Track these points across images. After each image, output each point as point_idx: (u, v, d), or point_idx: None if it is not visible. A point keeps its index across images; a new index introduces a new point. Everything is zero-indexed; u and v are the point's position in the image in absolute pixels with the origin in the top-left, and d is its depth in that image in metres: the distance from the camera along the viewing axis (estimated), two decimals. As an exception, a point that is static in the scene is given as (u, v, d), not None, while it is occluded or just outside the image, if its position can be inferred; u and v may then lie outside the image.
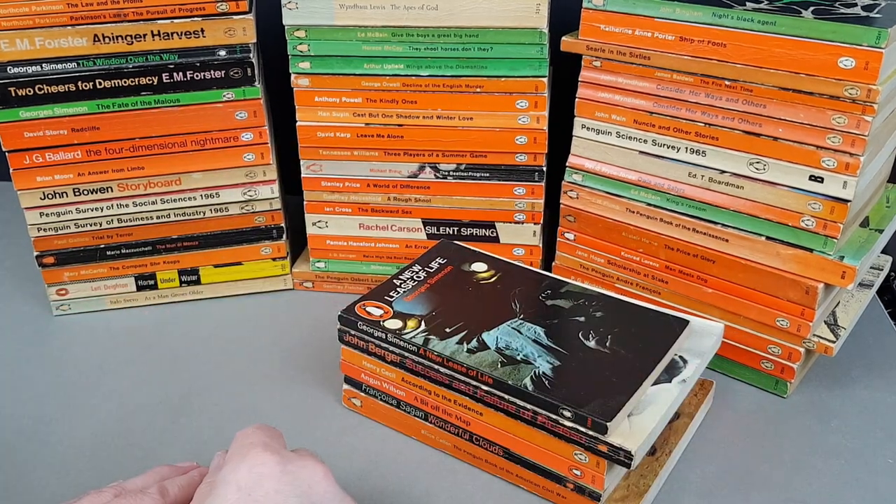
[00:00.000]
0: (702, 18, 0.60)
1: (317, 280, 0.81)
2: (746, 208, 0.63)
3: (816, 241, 0.60)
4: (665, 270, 0.68)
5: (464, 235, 0.76)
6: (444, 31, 0.68)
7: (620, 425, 0.52)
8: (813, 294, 0.61)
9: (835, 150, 0.58)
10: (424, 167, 0.74)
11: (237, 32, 0.69)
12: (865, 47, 0.54)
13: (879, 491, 0.57)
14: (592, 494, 0.53)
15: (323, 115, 0.73)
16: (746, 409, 0.65)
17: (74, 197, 0.73)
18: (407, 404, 0.61)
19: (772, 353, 0.65)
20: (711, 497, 0.56)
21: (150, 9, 0.68)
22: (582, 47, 0.66)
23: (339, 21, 0.69)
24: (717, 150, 0.63)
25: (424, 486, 0.57)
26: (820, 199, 0.59)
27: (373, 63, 0.71)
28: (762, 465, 0.59)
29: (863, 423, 0.63)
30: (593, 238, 0.71)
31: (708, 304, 0.67)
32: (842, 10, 0.59)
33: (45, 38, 0.67)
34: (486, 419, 0.56)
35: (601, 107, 0.67)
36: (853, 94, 0.56)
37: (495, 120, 0.71)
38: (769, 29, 0.58)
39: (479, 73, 0.70)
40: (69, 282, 0.77)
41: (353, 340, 0.61)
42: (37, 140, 0.70)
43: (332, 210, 0.77)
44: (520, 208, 0.74)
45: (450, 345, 0.57)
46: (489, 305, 0.62)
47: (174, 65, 0.70)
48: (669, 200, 0.66)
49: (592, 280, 0.72)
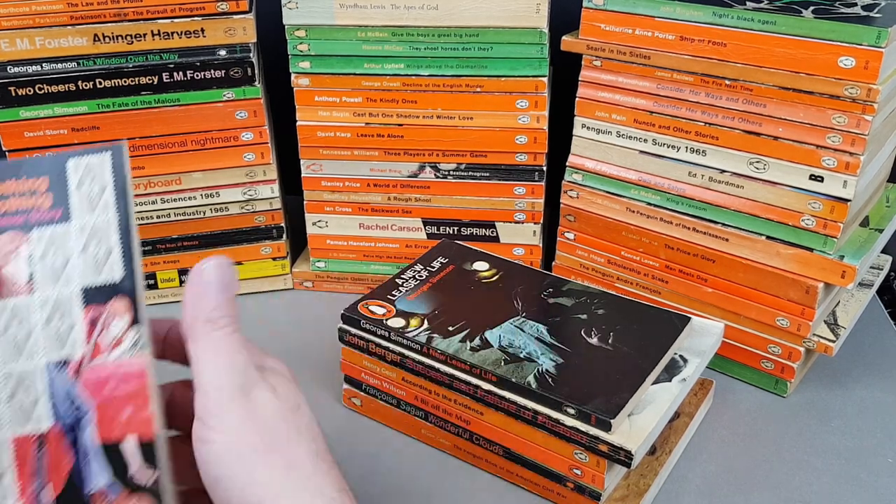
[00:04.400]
0: (702, 18, 0.60)
1: (317, 280, 0.81)
2: (746, 208, 0.63)
3: (816, 240, 0.60)
4: (665, 270, 0.68)
5: (464, 235, 0.76)
6: (444, 31, 0.68)
7: (621, 424, 0.52)
8: (813, 293, 0.61)
9: (835, 150, 0.58)
10: (424, 167, 0.74)
11: (237, 32, 0.69)
12: (865, 47, 0.54)
13: (879, 491, 0.57)
14: (592, 494, 0.53)
15: (323, 114, 0.73)
16: (746, 408, 0.65)
17: (74, 196, 0.73)
18: (407, 404, 0.61)
19: (772, 352, 0.65)
20: (711, 497, 0.56)
21: (150, 8, 0.68)
22: (582, 47, 0.66)
23: (340, 21, 0.69)
24: (718, 149, 0.63)
25: (424, 486, 0.57)
26: (820, 198, 0.59)
27: (373, 63, 0.71)
28: (762, 464, 0.59)
29: (863, 423, 0.63)
30: (593, 238, 0.71)
31: (708, 304, 0.67)
32: (842, 9, 0.59)
33: (45, 37, 0.67)
34: (486, 419, 0.56)
35: (601, 106, 0.67)
36: (853, 94, 0.56)
37: (495, 119, 0.71)
38: (769, 28, 0.58)
39: (480, 73, 0.70)
40: (69, 281, 0.77)
41: (354, 340, 0.61)
42: (37, 140, 0.70)
43: (332, 210, 0.77)
44: (520, 208, 0.74)
45: (453, 343, 0.57)
46: (491, 304, 0.62)
47: (174, 64, 0.70)
48: (669, 200, 0.66)
49: (592, 280, 0.72)
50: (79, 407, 0.43)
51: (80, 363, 0.43)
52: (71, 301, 0.44)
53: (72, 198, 0.45)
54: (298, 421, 0.46)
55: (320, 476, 0.44)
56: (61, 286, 0.44)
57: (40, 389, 0.43)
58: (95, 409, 0.43)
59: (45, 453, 0.42)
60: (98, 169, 0.45)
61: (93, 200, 0.45)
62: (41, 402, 0.43)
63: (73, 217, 0.45)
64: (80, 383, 0.43)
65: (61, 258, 0.44)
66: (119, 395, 0.42)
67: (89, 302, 0.44)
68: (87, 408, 0.43)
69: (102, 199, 0.45)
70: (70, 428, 0.43)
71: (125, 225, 0.45)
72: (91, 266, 0.44)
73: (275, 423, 0.44)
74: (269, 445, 0.43)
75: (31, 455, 0.42)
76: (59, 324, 0.44)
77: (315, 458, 0.45)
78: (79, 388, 0.43)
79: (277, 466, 0.43)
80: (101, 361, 0.43)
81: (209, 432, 0.42)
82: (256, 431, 0.43)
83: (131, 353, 0.43)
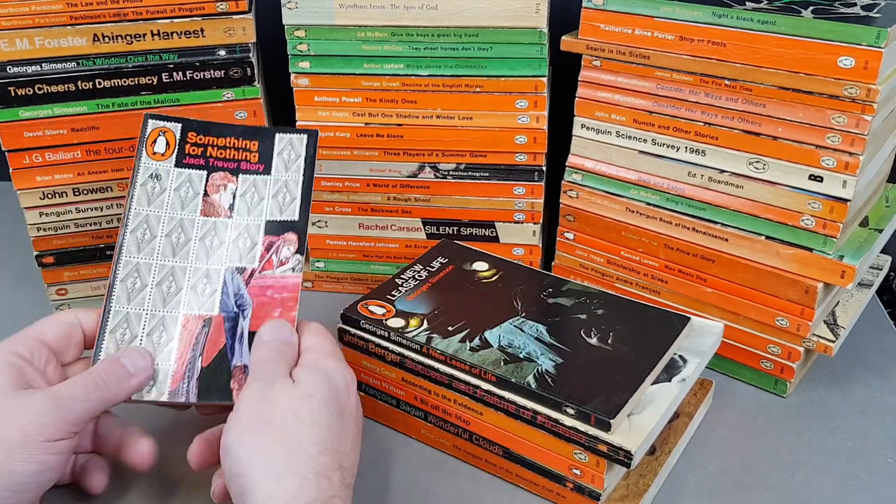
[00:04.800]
0: (702, 18, 0.60)
1: (316, 280, 0.81)
2: (746, 208, 0.63)
3: (816, 240, 0.60)
4: (665, 270, 0.68)
5: (463, 235, 0.76)
6: (443, 31, 0.68)
7: (621, 424, 0.52)
8: (812, 293, 0.61)
9: (834, 150, 0.58)
10: (424, 167, 0.74)
11: (237, 32, 0.69)
12: (865, 47, 0.54)
13: (879, 491, 0.57)
14: (592, 494, 0.53)
15: (323, 114, 0.73)
16: (746, 408, 0.65)
17: (74, 197, 0.73)
18: (406, 404, 0.61)
19: (771, 352, 0.65)
20: (711, 497, 0.56)
21: (149, 8, 0.67)
22: (582, 47, 0.66)
23: (339, 21, 0.69)
24: (717, 149, 0.63)
25: (424, 486, 0.57)
26: (819, 198, 0.59)
27: (372, 63, 0.71)
28: (762, 465, 0.59)
29: (863, 423, 0.63)
30: (593, 237, 0.71)
31: (707, 304, 0.67)
32: (841, 9, 0.59)
33: (45, 37, 0.67)
34: (485, 419, 0.56)
35: (601, 106, 0.67)
36: (853, 94, 0.56)
37: (495, 120, 0.71)
38: (769, 28, 0.58)
39: (479, 73, 0.70)
40: (69, 282, 0.77)
41: (353, 340, 0.61)
42: (36, 140, 0.70)
43: (331, 210, 0.77)
44: (519, 208, 0.74)
45: (452, 343, 0.57)
46: (491, 304, 0.62)
47: (174, 64, 0.70)
48: (669, 200, 0.66)
49: (592, 280, 0.72)
50: (242, 303, 0.58)
51: (252, 273, 0.59)
52: (257, 228, 0.60)
53: (274, 159, 0.62)
54: (304, 406, 0.49)
55: (305, 457, 0.46)
56: (253, 217, 0.60)
57: (218, 285, 0.58)
58: (253, 307, 0.57)
59: (207, 333, 0.57)
60: (297, 144, 0.62)
61: (288, 165, 0.61)
62: (216, 294, 0.58)
63: (272, 172, 0.61)
64: (248, 287, 0.58)
65: (257, 197, 0.60)
66: (275, 299, 0.58)
67: (269, 232, 0.60)
68: (247, 304, 0.58)
69: (295, 164, 0.61)
70: (231, 317, 0.57)
71: (307, 186, 0.61)
72: (277, 207, 0.60)
73: (276, 406, 0.49)
74: (266, 423, 0.48)
75: (196, 331, 0.57)
76: (245, 242, 0.60)
77: (307, 441, 0.47)
78: (246, 289, 0.58)
79: (264, 443, 0.47)
80: (268, 273, 0.58)
81: (235, 406, 0.49)
82: (257, 411, 0.48)
83: (291, 272, 0.59)
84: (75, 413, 0.50)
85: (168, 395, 0.55)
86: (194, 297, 0.58)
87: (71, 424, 0.49)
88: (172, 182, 0.60)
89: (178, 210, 0.60)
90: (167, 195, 0.60)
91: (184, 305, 0.57)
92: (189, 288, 0.58)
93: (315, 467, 0.46)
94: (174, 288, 0.58)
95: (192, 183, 0.60)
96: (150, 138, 0.60)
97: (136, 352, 0.54)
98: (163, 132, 0.61)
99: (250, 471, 0.46)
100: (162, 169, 0.60)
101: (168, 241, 0.59)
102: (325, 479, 0.46)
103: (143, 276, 0.58)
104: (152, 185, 0.60)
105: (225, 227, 0.60)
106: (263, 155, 0.61)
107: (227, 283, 0.58)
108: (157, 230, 0.59)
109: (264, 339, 0.54)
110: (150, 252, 0.58)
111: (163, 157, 0.60)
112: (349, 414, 0.51)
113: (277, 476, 0.45)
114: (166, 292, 0.58)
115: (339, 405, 0.50)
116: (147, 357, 0.55)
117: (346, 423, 0.50)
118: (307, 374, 0.51)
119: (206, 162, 0.61)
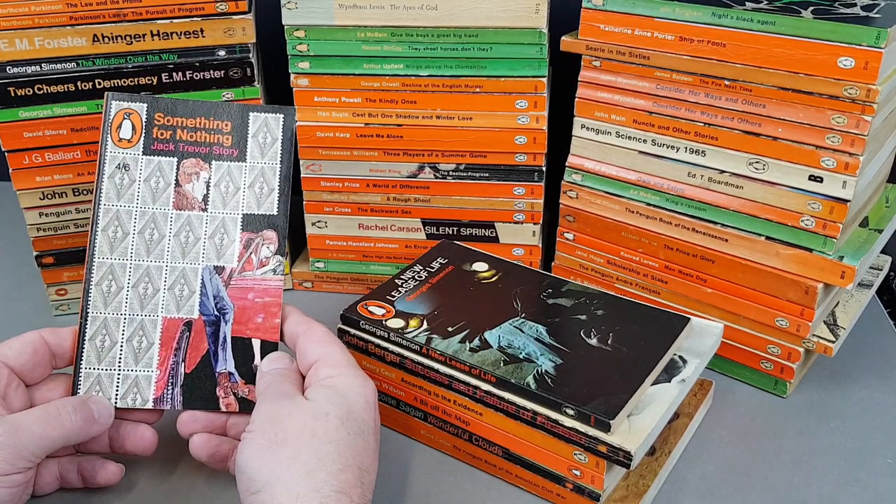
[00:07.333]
0: (701, 18, 0.60)
1: (316, 280, 0.81)
2: (746, 208, 0.63)
3: (816, 240, 0.60)
4: (664, 270, 0.68)
5: (463, 235, 0.76)
6: (443, 31, 0.68)
7: (621, 425, 0.52)
8: (812, 294, 0.61)
9: (834, 150, 0.58)
10: (424, 167, 0.74)
11: (237, 32, 0.69)
12: (865, 47, 0.54)
13: (879, 491, 0.57)
14: (592, 495, 0.53)
15: (322, 115, 0.73)
16: (746, 409, 0.65)
17: (74, 197, 0.73)
18: (406, 404, 0.61)
19: (771, 353, 0.65)
20: (711, 497, 0.56)
21: (149, 9, 0.68)
22: (581, 47, 0.66)
23: (339, 21, 0.69)
24: (717, 149, 0.63)
25: (424, 487, 0.57)
26: (819, 198, 0.59)
27: (372, 63, 0.71)
28: (761, 465, 0.59)
29: (862, 423, 0.63)
30: (593, 238, 0.71)
31: (707, 304, 0.67)
32: (841, 9, 0.59)
33: (45, 38, 0.67)
34: (485, 419, 0.56)
35: (601, 107, 0.67)
36: (853, 94, 0.56)
37: (495, 120, 0.71)
38: (769, 29, 0.58)
39: (479, 73, 0.70)
40: (68, 282, 0.77)
41: (353, 341, 0.61)
42: (36, 140, 0.70)
43: (331, 210, 0.77)
44: (519, 208, 0.74)
45: (452, 343, 0.57)
46: (491, 304, 0.62)
47: (174, 65, 0.70)
48: (669, 200, 0.66)
49: (592, 280, 0.72)
50: (223, 306, 0.55)
51: (231, 273, 0.56)
52: (234, 223, 0.57)
53: (249, 142, 0.57)
54: (319, 424, 0.48)
55: (323, 475, 0.45)
56: (228, 210, 0.57)
57: (196, 286, 0.56)
58: (235, 311, 0.55)
59: (188, 337, 0.55)
60: (273, 124, 0.58)
61: (264, 149, 0.57)
62: (195, 296, 0.56)
63: (247, 158, 0.57)
64: (228, 289, 0.56)
65: (232, 188, 0.57)
66: (257, 303, 0.55)
67: (246, 228, 0.57)
68: (229, 308, 0.55)
69: (272, 149, 0.57)
70: (212, 321, 0.55)
71: (286, 174, 0.57)
72: (254, 199, 0.57)
73: (290, 424, 0.48)
74: (281, 441, 0.47)
75: (176, 335, 0.55)
76: (221, 238, 0.56)
77: (326, 458, 0.47)
78: (226, 292, 0.55)
79: (282, 461, 0.46)
80: (248, 275, 0.56)
81: (247, 428, 0.49)
82: (272, 430, 0.48)
83: (272, 274, 0.56)
84: (30, 449, 0.48)
85: (153, 403, 0.54)
86: (172, 299, 0.56)
87: (24, 460, 0.48)
88: (142, 172, 0.56)
89: (149, 203, 0.56)
90: (137, 187, 0.56)
91: (162, 308, 0.55)
92: (166, 289, 0.56)
93: (336, 485, 0.45)
94: (150, 290, 0.55)
95: (162, 172, 0.57)
96: (114, 122, 0.56)
97: (103, 402, 0.53)
98: (128, 114, 0.57)
99: (269, 488, 0.45)
100: (129, 157, 0.56)
101: (141, 238, 0.56)
102: (346, 497, 0.45)
103: (118, 279, 0.55)
104: (120, 177, 0.56)
105: (200, 221, 0.57)
106: (237, 137, 0.57)
107: (205, 283, 0.56)
108: (129, 227, 0.56)
109: (264, 371, 0.53)
110: (124, 252, 0.55)
111: (129, 143, 0.56)
112: (370, 429, 0.50)
113: (297, 495, 0.44)
114: (143, 294, 0.55)
115: (358, 423, 0.49)
116: (111, 411, 0.53)
117: (367, 440, 0.49)
118: (322, 392, 0.50)
119: (176, 147, 0.57)
